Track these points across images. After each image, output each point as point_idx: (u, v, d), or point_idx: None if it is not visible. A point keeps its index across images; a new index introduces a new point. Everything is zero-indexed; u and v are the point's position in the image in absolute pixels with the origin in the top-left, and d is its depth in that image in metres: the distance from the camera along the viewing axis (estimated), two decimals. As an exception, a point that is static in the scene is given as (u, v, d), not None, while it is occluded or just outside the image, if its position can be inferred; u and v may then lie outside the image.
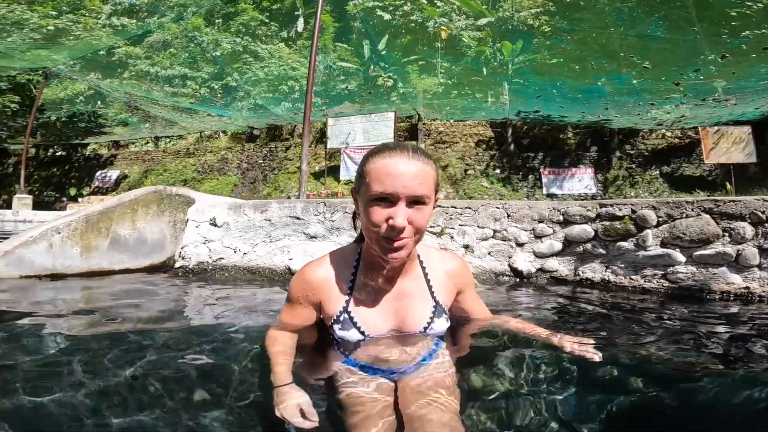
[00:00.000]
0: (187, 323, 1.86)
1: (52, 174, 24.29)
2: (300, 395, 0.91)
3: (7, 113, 16.52)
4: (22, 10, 8.98)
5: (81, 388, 1.02)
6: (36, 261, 2.90)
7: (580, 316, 2.01)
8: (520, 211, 2.89)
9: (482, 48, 10.99)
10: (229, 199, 3.36)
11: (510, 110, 12.91)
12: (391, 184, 1.00)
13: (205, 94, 13.20)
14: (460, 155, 15.36)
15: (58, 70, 11.79)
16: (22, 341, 1.42)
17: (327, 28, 11.82)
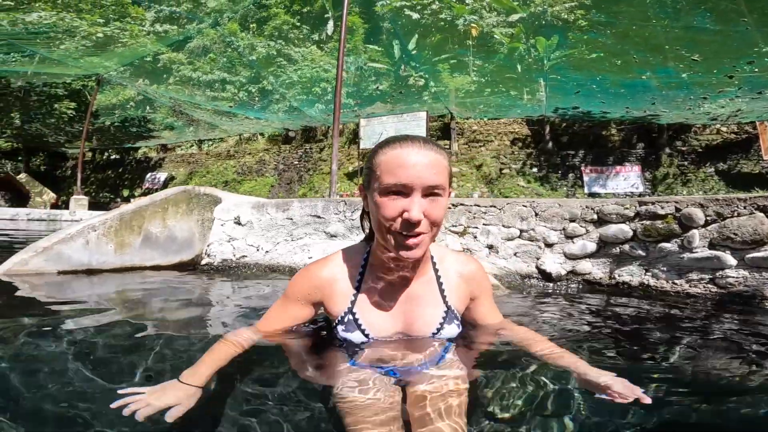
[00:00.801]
0: (205, 320, 1.86)
1: (107, 176, 26.01)
2: (185, 396, 0.84)
3: (65, 119, 17.84)
4: (72, 18, 9.63)
5: (103, 379, 1.05)
6: (73, 257, 3.05)
7: (615, 323, 1.84)
8: (550, 210, 2.73)
9: (515, 44, 10.65)
10: (252, 198, 3.41)
11: (547, 107, 12.44)
12: (404, 175, 0.94)
13: (243, 97, 13.64)
14: (494, 154, 14.98)
15: (110, 77, 12.59)
16: (53, 333, 1.48)
17: (356, 30, 11.88)
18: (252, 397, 0.99)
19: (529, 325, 1.68)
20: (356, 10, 11.22)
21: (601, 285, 2.61)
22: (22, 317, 1.65)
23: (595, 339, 1.58)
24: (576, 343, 1.49)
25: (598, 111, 12.44)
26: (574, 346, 1.43)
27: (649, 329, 1.76)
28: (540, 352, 1.12)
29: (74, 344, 1.34)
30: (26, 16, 8.96)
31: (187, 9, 10.21)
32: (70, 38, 9.73)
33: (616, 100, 11.07)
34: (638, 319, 1.93)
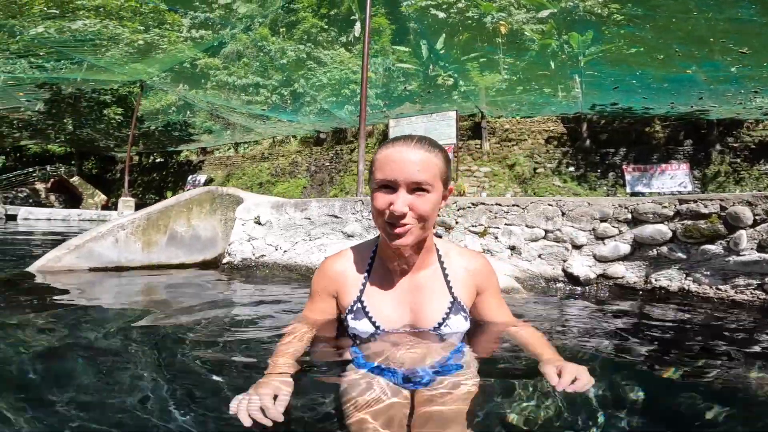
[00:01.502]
0: (222, 316, 1.87)
1: (152, 179, 27.40)
2: (283, 386, 0.85)
3: (113, 124, 18.95)
4: (114, 26, 10.20)
5: (126, 372, 1.13)
6: (103, 254, 3.17)
7: (650, 331, 1.67)
8: (578, 209, 2.56)
9: (547, 41, 10.25)
10: (272, 198, 3.43)
11: (583, 104, 11.91)
12: (390, 171, 1.03)
13: (276, 100, 13.95)
14: (528, 153, 14.52)
15: (152, 83, 13.22)
16: (83, 326, 1.56)
17: (383, 31, 11.85)
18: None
19: (550, 331, 1.58)
20: (382, 12, 11.21)
21: (635, 290, 2.41)
22: (51, 311, 1.76)
23: (626, 348, 1.44)
24: (603, 352, 1.37)
25: (640, 107, 11.78)
26: (602, 355, 1.33)
27: (688, 339, 1.60)
28: (525, 343, 1.15)
29: (100, 337, 1.41)
30: (72, 24, 9.59)
31: (220, 15, 10.58)
32: (115, 45, 10.34)
33: (660, 96, 10.44)
34: (676, 327, 1.76)
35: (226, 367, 1.15)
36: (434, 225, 1.31)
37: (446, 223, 2.65)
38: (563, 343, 1.44)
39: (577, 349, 1.38)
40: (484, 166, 14.95)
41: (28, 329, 1.50)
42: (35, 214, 17.59)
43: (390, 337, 1.15)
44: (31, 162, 29.43)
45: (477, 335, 1.23)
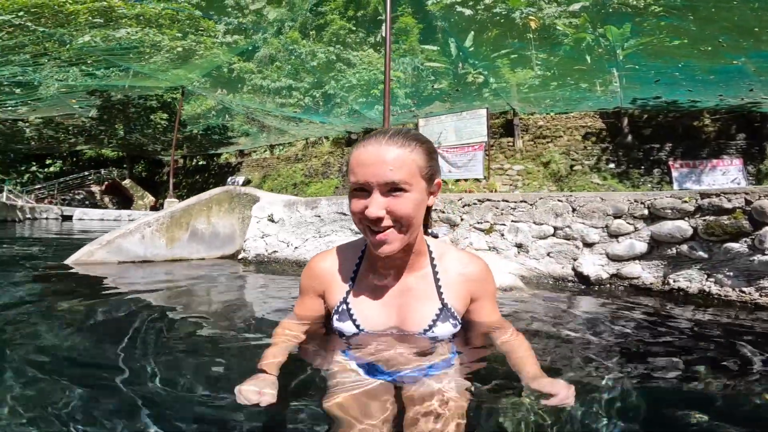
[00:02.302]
0: (232, 307, 2.03)
1: (196, 180, 28.73)
2: (266, 383, 0.87)
3: (159, 129, 20.07)
4: (154, 33, 10.81)
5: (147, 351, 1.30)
6: (131, 250, 3.38)
7: (666, 336, 1.56)
8: (590, 205, 2.44)
9: (581, 35, 9.79)
10: (285, 196, 3.51)
11: (623, 98, 11.28)
12: (362, 174, 0.96)
13: (308, 103, 14.24)
14: (564, 150, 13.98)
15: (193, 88, 13.88)
16: (112, 313, 1.78)
17: (411, 30, 11.79)
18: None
19: (549, 334, 1.51)
20: (408, 11, 11.16)
21: (651, 291, 2.28)
22: (85, 300, 2.01)
23: (637, 354, 1.34)
24: (609, 358, 1.27)
25: (686, 100, 11.02)
26: (609, 362, 1.23)
27: (708, 345, 1.48)
28: (513, 359, 1.06)
29: (125, 322, 1.63)
30: (115, 33, 10.26)
31: (252, 20, 10.95)
32: (157, 52, 10.98)
33: (707, 88, 9.71)
34: (695, 332, 1.63)
35: (230, 345, 1.35)
36: (430, 225, 1.29)
37: (451, 220, 2.62)
38: (564, 348, 1.37)
39: (581, 355, 1.30)
40: (517, 164, 14.55)
41: (59, 311, 1.76)
42: (89, 215, 18.94)
43: (379, 337, 1.11)
44: (86, 166, 31.65)
45: (467, 337, 1.18)
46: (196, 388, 1.02)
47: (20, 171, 29.63)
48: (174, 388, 1.02)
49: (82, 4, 9.62)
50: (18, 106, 14.56)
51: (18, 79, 11.80)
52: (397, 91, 12.51)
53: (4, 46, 9.86)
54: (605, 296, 2.25)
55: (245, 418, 0.86)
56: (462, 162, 13.17)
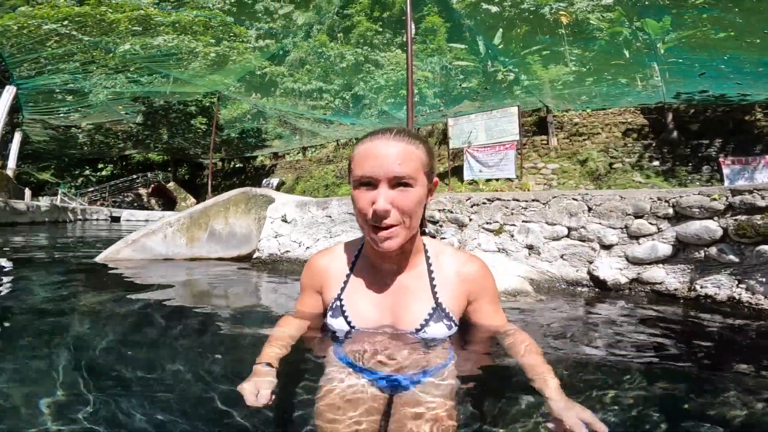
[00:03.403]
0: (241, 304, 2.17)
1: (233, 183, 29.78)
2: (265, 377, 0.90)
3: (199, 133, 20.97)
4: (189, 40, 11.31)
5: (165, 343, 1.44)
6: (154, 248, 3.52)
7: (694, 351, 1.41)
8: (607, 203, 2.29)
9: (616, 29, 9.28)
10: (297, 197, 3.54)
11: (666, 93, 10.59)
12: (369, 167, 0.96)
13: (338, 105, 14.40)
14: (602, 147, 13.33)
15: (229, 93, 14.40)
16: (136, 305, 1.95)
17: (438, 30, 11.63)
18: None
19: (556, 346, 1.39)
20: (435, 10, 11.01)
21: (675, 297, 2.10)
22: (111, 293, 2.21)
23: (659, 369, 1.20)
24: (626, 374, 1.14)
25: (735, 93, 10.20)
26: (625, 377, 1.11)
27: (738, 361, 1.33)
28: (524, 364, 1.00)
29: (148, 314, 1.79)
30: (153, 40, 10.84)
31: (281, 25, 11.23)
32: (194, 58, 11.50)
33: (757, 81, 8.95)
34: (724, 346, 1.48)
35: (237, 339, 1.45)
36: (425, 224, 1.26)
37: (459, 220, 2.53)
38: (572, 360, 1.26)
39: (592, 372, 1.18)
40: (551, 162, 14.04)
41: (88, 304, 1.97)
42: (136, 216, 20.06)
43: (373, 337, 1.10)
44: (135, 169, 33.54)
45: (465, 341, 1.14)
46: (194, 380, 1.08)
47: (74, 175, 31.83)
48: (177, 380, 1.09)
49: (121, 12, 10.24)
50: (70, 113, 15.68)
51: (69, 86, 12.73)
52: (425, 90, 12.40)
53: (54, 54, 10.65)
54: (623, 302, 2.09)
55: (239, 414, 0.87)
56: (493, 161, 12.87)
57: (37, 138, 20.11)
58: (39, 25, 9.78)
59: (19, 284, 2.56)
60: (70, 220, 14.75)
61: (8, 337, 1.48)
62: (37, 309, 1.84)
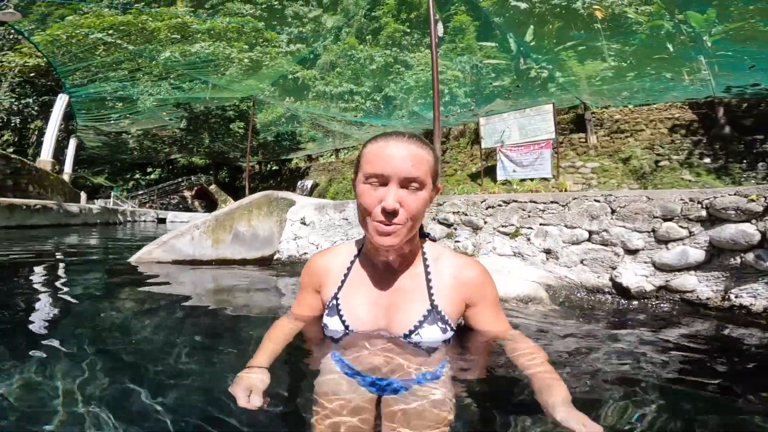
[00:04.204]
0: (256, 302, 2.26)
1: (269, 185, 30.65)
2: (257, 378, 0.91)
3: (237, 137, 21.77)
4: (224, 47, 11.76)
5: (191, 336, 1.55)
6: (183, 249, 3.66)
7: (721, 367, 1.28)
8: (633, 205, 2.15)
9: (657, 22, 8.74)
10: (315, 200, 3.57)
11: (715, 87, 9.87)
12: (381, 165, 0.98)
13: (369, 106, 14.49)
14: (646, 145, 12.62)
15: (264, 97, 14.84)
16: (166, 301, 2.12)
17: (467, 29, 11.41)
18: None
19: (570, 363, 1.26)
20: (462, 9, 10.80)
21: (707, 307, 1.94)
22: (145, 291, 2.40)
23: (683, 390, 1.09)
24: (646, 392, 1.02)
25: (791, 86, 9.37)
26: (644, 395, 1.00)
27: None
28: (527, 373, 0.97)
29: (178, 310, 1.92)
30: (191, 47, 11.37)
31: (311, 29, 11.46)
32: (230, 64, 11.97)
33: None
34: (760, 362, 1.34)
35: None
36: (423, 227, 1.24)
37: (473, 223, 2.45)
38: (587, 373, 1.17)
39: (611, 393, 1.04)
40: (591, 161, 13.45)
41: (120, 301, 2.12)
42: (179, 217, 21.09)
43: (368, 340, 1.11)
44: (180, 173, 35.26)
45: (461, 347, 1.11)
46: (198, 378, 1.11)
47: (126, 178, 33.88)
48: (179, 372, 1.14)
49: (161, 21, 10.80)
50: (120, 120, 16.73)
51: (119, 93, 13.62)
52: (456, 90, 12.22)
53: (104, 63, 11.41)
54: (648, 312, 1.95)
55: (235, 415, 0.88)
56: (528, 161, 12.49)
57: (90, 144, 21.60)
58: (86, 34, 10.53)
59: (54, 283, 2.74)
60: (120, 221, 15.69)
61: (43, 328, 1.58)
62: (66, 306, 1.97)
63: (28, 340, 1.38)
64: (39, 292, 2.29)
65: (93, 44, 10.87)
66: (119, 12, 11.02)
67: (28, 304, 1.96)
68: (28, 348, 1.26)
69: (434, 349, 1.07)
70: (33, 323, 1.62)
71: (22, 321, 1.63)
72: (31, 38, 10.82)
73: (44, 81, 20.16)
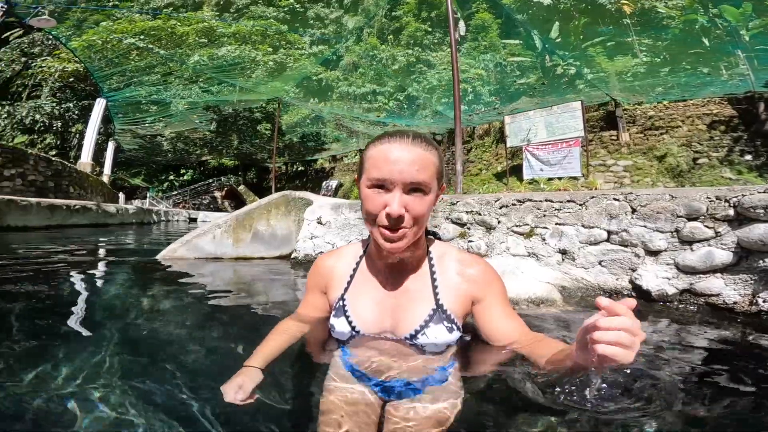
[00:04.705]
0: (275, 300, 2.30)
1: (296, 185, 31.12)
2: (249, 376, 0.94)
3: (264, 138, 22.24)
4: (249, 50, 12.04)
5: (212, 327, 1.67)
6: (205, 248, 3.78)
7: (748, 378, 1.18)
8: (654, 204, 2.05)
9: (690, 17, 8.32)
10: (332, 199, 3.60)
11: (755, 81, 9.31)
12: (387, 170, 0.96)
13: (392, 106, 14.49)
14: (683, 141, 12.06)
15: (289, 99, 15.11)
16: (187, 296, 2.23)
17: (489, 27, 11.21)
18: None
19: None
20: (484, 7, 10.60)
21: (734, 312, 1.83)
22: (170, 286, 2.56)
23: (706, 403, 0.99)
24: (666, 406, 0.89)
25: (836, 79, 8.71)
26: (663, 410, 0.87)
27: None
28: (541, 358, 0.93)
29: (199, 304, 2.05)
30: (218, 51, 11.70)
31: (333, 30, 11.58)
32: (256, 67, 12.26)
33: None
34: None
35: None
36: (425, 226, 1.24)
37: (487, 222, 2.41)
38: None
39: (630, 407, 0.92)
40: (623, 159, 12.96)
41: (147, 295, 2.25)
42: (210, 217, 21.73)
43: (375, 342, 1.10)
44: (211, 174, 36.31)
45: (469, 348, 1.10)
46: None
47: (161, 179, 35.22)
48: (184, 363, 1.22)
49: (188, 25, 11.18)
50: (155, 123, 17.44)
51: (153, 97, 14.21)
52: (479, 89, 12.05)
53: (137, 67, 11.93)
54: (670, 316, 1.86)
55: (237, 415, 0.89)
56: (555, 159, 12.18)
57: (127, 146, 22.59)
58: (120, 40, 11.05)
59: (86, 277, 2.89)
60: (154, 221, 16.31)
61: (72, 317, 1.70)
62: (95, 300, 2.12)
63: (59, 327, 1.51)
64: (72, 285, 2.47)
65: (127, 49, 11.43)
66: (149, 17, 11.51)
67: (59, 297, 2.11)
68: (59, 333, 1.40)
69: (441, 352, 1.06)
70: (63, 314, 1.73)
71: (54, 311, 1.77)
72: (69, 44, 11.47)
73: (83, 86, 21.28)
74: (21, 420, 0.85)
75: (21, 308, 1.79)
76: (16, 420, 0.85)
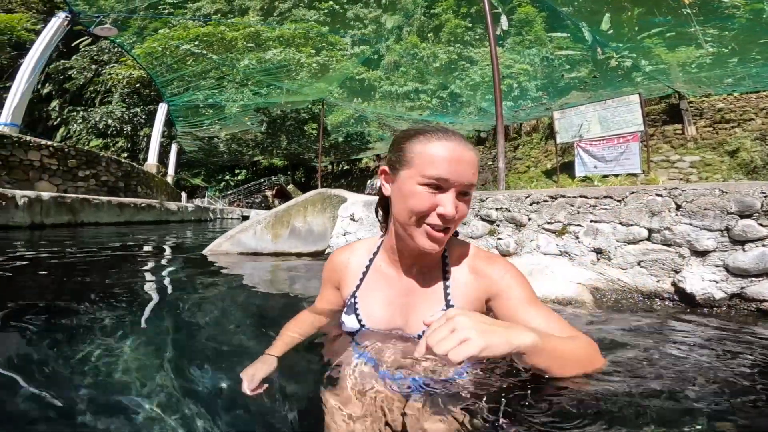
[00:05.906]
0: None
1: (341, 184, 31.71)
2: (262, 366, 1.00)
3: (311, 138, 22.88)
4: (293, 53, 12.42)
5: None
6: (247, 243, 3.96)
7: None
8: (702, 200, 1.89)
9: (757, 5, 7.47)
10: (364, 196, 3.63)
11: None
12: (447, 170, 0.92)
13: (435, 104, 14.36)
14: (757, 135, 10.94)
15: (333, 99, 15.43)
16: (227, 289, 2.37)
17: (533, 20, 10.71)
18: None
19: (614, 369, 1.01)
20: (526, 0, 10.13)
21: (792, 320, 1.64)
22: (216, 278, 2.72)
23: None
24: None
25: None
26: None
27: None
28: None
29: (242, 295, 2.21)
30: (265, 54, 12.18)
31: (372, 30, 11.67)
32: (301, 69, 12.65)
33: None
34: None
35: None
36: None
37: (516, 219, 2.32)
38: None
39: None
40: (689, 154, 11.98)
41: (193, 287, 2.41)
42: (261, 214, 22.75)
43: (390, 338, 1.10)
44: (263, 174, 37.90)
45: None
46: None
47: (218, 179, 37.29)
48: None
49: (236, 30, 11.73)
50: (211, 125, 18.52)
51: (209, 101, 15.10)
52: (525, 84, 11.61)
53: (194, 72, 12.71)
54: (716, 323, 1.70)
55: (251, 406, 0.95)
56: (611, 156, 11.52)
57: (188, 148, 24.17)
58: (177, 46, 11.84)
59: (141, 269, 3.14)
60: (210, 218, 17.34)
61: (125, 305, 1.87)
62: (144, 286, 2.36)
63: (109, 313, 1.67)
64: (128, 275, 2.73)
65: (183, 55, 12.26)
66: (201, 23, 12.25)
67: (111, 286, 2.32)
68: (109, 319, 1.56)
69: None
70: (113, 301, 1.91)
71: (104, 299, 1.96)
72: (132, 51, 12.49)
73: (148, 91, 23.04)
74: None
75: (83, 289, 2.07)
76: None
